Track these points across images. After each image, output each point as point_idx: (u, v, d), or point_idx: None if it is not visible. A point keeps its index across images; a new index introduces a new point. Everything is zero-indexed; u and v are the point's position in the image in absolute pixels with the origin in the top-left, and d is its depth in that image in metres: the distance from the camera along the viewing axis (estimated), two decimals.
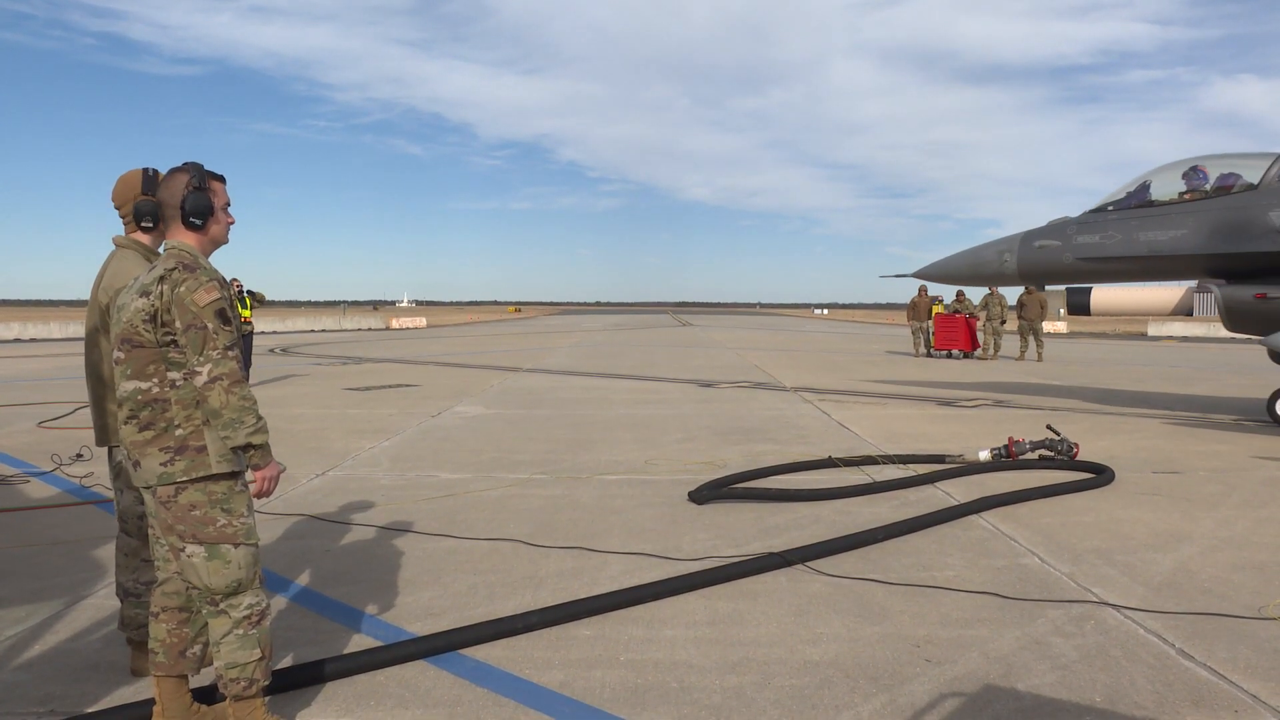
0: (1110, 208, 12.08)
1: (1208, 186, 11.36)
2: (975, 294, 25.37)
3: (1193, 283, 12.50)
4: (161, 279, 2.99)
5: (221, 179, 3.22)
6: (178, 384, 3.00)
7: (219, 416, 2.94)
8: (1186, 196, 11.44)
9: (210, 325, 2.94)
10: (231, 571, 3.01)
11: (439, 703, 3.42)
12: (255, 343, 22.17)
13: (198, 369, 2.94)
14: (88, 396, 3.82)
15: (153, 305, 2.97)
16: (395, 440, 9.87)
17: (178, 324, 2.95)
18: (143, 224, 3.77)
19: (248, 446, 3.00)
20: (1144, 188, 11.88)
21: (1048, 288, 13.52)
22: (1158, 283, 12.44)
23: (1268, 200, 10.73)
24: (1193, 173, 11.53)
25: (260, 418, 3.01)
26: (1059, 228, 12.50)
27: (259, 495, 3.13)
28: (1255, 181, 11.00)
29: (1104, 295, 12.69)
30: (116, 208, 3.86)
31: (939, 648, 3.95)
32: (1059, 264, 12.42)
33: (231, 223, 3.26)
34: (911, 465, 8.22)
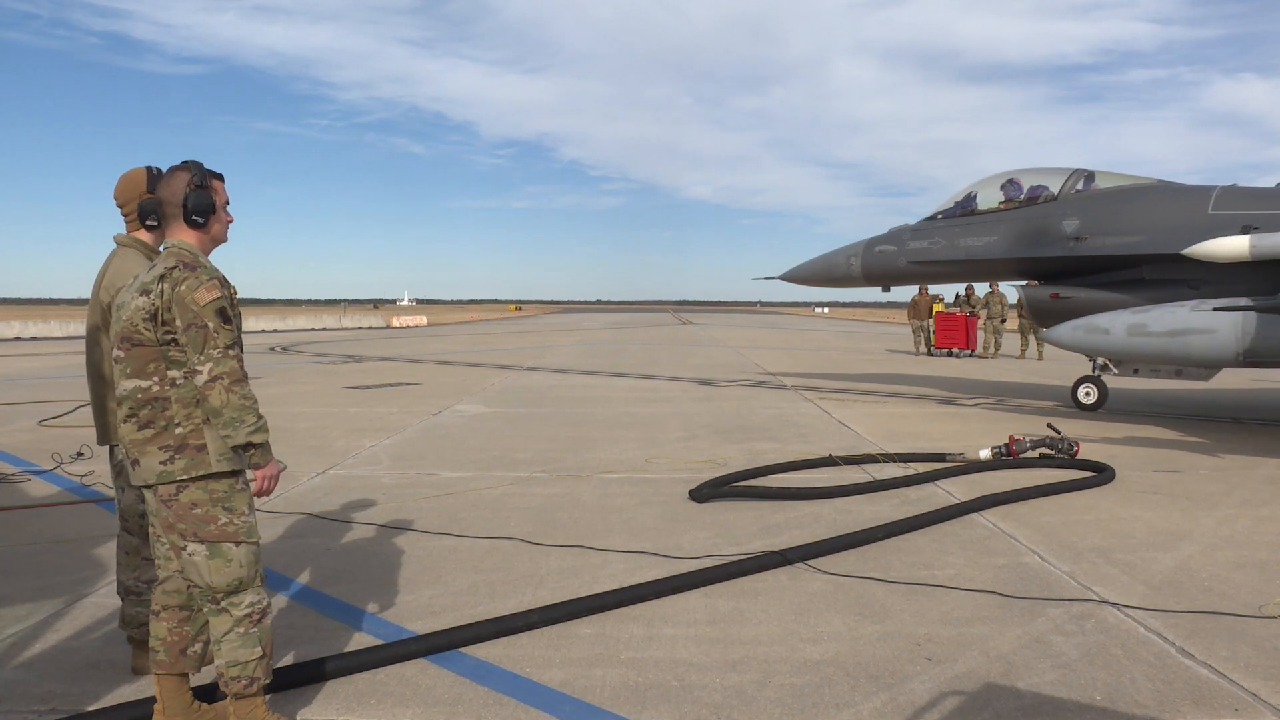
0: (940, 216, 13.41)
1: (1020, 197, 12.71)
2: (977, 291, 25.35)
3: None
4: (162, 277, 2.99)
5: (220, 177, 3.22)
6: (178, 382, 3.00)
7: (220, 415, 2.94)
8: (1001, 206, 12.81)
9: (211, 324, 2.94)
10: (233, 570, 3.02)
11: (439, 701, 3.42)
12: (256, 340, 22.19)
13: (198, 368, 2.94)
14: (89, 395, 3.82)
15: (153, 304, 2.97)
16: (396, 439, 9.87)
17: (178, 322, 2.95)
18: (148, 222, 3.77)
19: (248, 445, 3.00)
20: (969, 198, 13.22)
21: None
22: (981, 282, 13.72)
23: (1063, 210, 12.15)
24: (1009, 184, 12.86)
25: (261, 416, 3.02)
26: (897, 234, 13.82)
27: (259, 494, 3.13)
28: (1056, 193, 12.42)
29: None
30: (119, 206, 3.85)
31: (940, 646, 3.95)
32: (895, 267, 13.77)
33: (230, 221, 3.27)
34: (912, 464, 8.22)
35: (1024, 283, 12.98)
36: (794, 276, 15.46)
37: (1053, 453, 8.34)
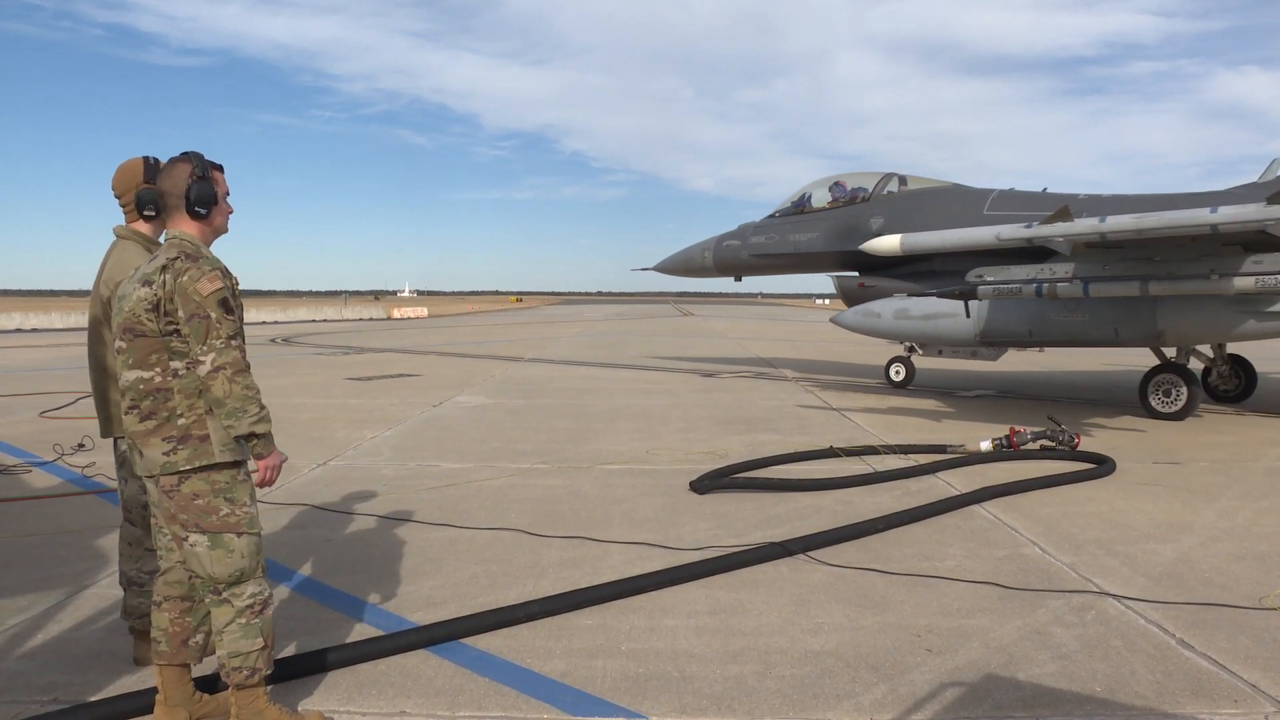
0: (777, 214, 14.99)
1: (843, 197, 14.23)
2: None
3: None
4: (164, 268, 2.99)
5: (220, 168, 3.22)
6: (180, 373, 3.00)
7: (222, 405, 2.94)
8: (826, 205, 14.39)
9: (213, 314, 2.94)
10: (234, 561, 3.02)
11: (441, 692, 3.43)
12: (257, 332, 22.19)
13: (201, 358, 2.94)
14: (91, 388, 3.82)
15: (155, 294, 2.97)
16: (397, 430, 9.88)
17: (180, 313, 2.95)
18: (145, 212, 3.76)
19: (251, 435, 3.00)
20: (803, 198, 14.76)
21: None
22: (808, 274, 15.59)
23: (872, 209, 13.72)
24: (835, 186, 14.43)
25: (263, 407, 3.02)
26: (742, 230, 15.34)
27: (262, 484, 3.14)
28: (869, 194, 13.96)
29: None
30: (117, 196, 3.84)
31: (940, 637, 3.96)
32: (739, 259, 15.36)
33: (231, 212, 3.27)
34: (913, 455, 8.23)
35: (837, 273, 14.71)
36: (663, 267, 17.07)
37: (1053, 444, 8.34)
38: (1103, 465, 7.57)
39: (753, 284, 17.65)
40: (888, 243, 10.81)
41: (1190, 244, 9.33)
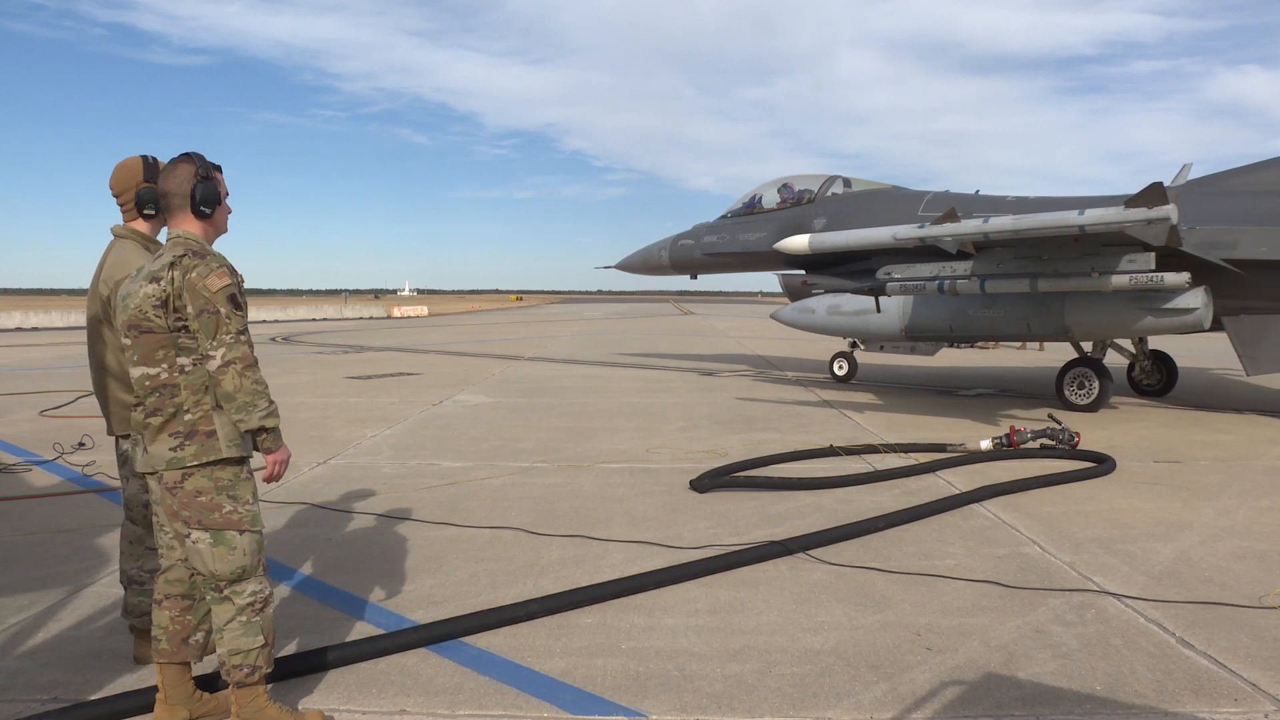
0: (729, 215, 15.67)
1: (791, 199, 14.89)
2: None
3: None
4: (171, 265, 3.00)
5: (219, 168, 3.23)
6: (187, 369, 3.00)
7: (233, 400, 2.95)
8: (775, 206, 15.04)
9: (223, 310, 2.96)
10: (236, 558, 3.03)
11: (440, 690, 3.43)
12: (257, 331, 22.18)
13: (211, 353, 2.95)
14: (93, 387, 3.82)
15: (164, 291, 2.98)
16: (397, 429, 9.88)
17: (189, 309, 2.96)
18: (144, 211, 3.76)
19: (260, 430, 3.01)
20: (753, 199, 15.42)
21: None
22: (756, 272, 16.26)
23: (816, 210, 14.40)
24: (784, 188, 15.10)
25: (272, 401, 3.04)
26: (697, 230, 16.00)
27: (270, 479, 3.14)
28: (814, 195, 14.61)
29: None
30: (115, 195, 3.84)
31: (940, 636, 3.96)
32: (693, 258, 16.04)
33: (230, 212, 3.28)
34: (913, 454, 8.23)
35: (782, 271, 15.36)
36: (624, 265, 17.76)
37: (1054, 443, 8.34)
38: (1103, 464, 7.57)
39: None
40: (798, 242, 11.24)
41: (1072, 243, 9.77)
